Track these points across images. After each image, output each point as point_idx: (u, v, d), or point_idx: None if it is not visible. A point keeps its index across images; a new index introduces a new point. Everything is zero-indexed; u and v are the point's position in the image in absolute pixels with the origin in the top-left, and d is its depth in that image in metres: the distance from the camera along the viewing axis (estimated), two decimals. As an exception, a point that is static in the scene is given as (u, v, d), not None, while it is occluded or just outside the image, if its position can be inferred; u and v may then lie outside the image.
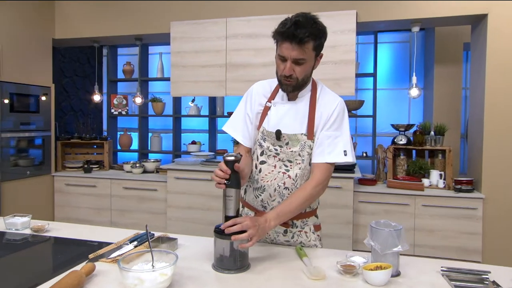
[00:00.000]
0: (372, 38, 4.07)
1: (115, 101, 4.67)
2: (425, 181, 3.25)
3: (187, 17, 3.61)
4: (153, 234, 1.51)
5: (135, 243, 1.39)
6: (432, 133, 3.34)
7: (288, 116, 1.41)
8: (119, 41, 4.20)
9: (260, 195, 1.43)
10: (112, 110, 4.67)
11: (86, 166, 3.93)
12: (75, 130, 4.52)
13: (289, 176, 1.40)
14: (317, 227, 1.51)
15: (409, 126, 3.44)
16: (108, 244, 1.41)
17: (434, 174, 3.27)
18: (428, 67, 4.13)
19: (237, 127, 1.50)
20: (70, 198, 3.89)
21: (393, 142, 3.44)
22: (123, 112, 4.68)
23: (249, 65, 3.39)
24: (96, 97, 4.23)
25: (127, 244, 1.38)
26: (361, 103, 3.98)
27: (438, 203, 3.06)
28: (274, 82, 1.47)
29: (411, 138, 3.42)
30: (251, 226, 1.16)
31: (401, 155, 3.45)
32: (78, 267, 1.15)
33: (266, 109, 1.45)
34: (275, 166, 1.41)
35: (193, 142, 4.37)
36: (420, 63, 4.28)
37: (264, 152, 1.43)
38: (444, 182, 3.22)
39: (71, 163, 4.07)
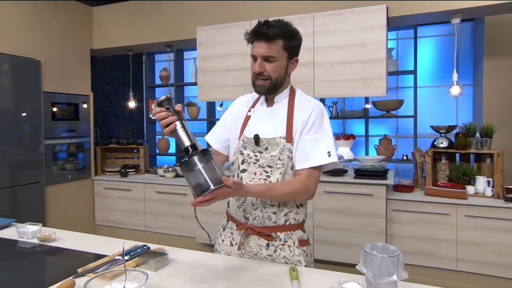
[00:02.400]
0: (412, 32, 3.78)
1: (153, 106, 4.82)
2: (470, 189, 2.94)
3: (213, 21, 3.62)
4: (148, 248, 1.50)
5: (127, 257, 1.39)
6: (478, 135, 3.00)
7: (266, 121, 1.42)
8: (150, 48, 4.34)
9: (242, 204, 1.41)
10: (151, 115, 4.84)
11: (122, 170, 4.10)
12: (117, 135, 4.76)
13: (270, 182, 1.36)
14: (303, 242, 1.42)
15: (450, 128, 3.14)
16: (102, 256, 1.42)
17: (481, 181, 2.95)
18: (477, 61, 3.73)
19: (212, 133, 1.57)
20: (108, 201, 4.09)
21: (433, 145, 3.16)
22: (161, 117, 4.81)
23: (274, 67, 3.30)
24: (131, 104, 4.40)
25: (119, 258, 1.38)
26: (400, 102, 3.72)
27: (485, 213, 2.75)
28: (256, 94, 1.48)
29: (454, 140, 3.11)
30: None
31: (442, 159, 3.15)
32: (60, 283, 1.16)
33: (247, 119, 1.46)
34: (255, 173, 1.39)
35: (226, 146, 4.37)
36: (469, 57, 3.88)
37: (245, 160, 1.41)
38: (492, 190, 2.88)
39: (110, 167, 4.27)
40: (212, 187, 1.07)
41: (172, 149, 4.83)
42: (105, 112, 4.96)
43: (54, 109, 3.69)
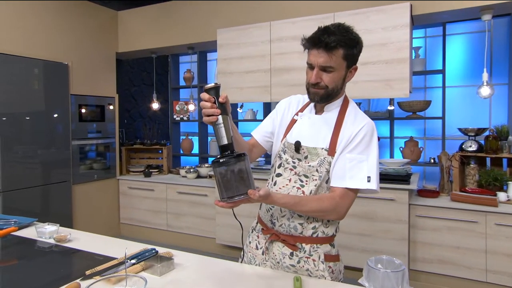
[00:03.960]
0: (441, 30, 3.61)
1: (177, 107, 4.92)
2: (501, 195, 2.78)
3: (233, 23, 3.63)
4: (157, 252, 1.52)
5: (134, 260, 1.42)
6: (511, 138, 2.83)
7: (311, 128, 1.35)
8: (173, 51, 4.42)
9: (271, 208, 1.37)
10: (175, 116, 4.93)
11: (146, 170, 4.21)
12: (143, 135, 4.88)
13: (303, 192, 1.31)
14: (331, 257, 1.34)
15: (480, 130, 2.98)
16: (112, 259, 1.46)
17: (513, 187, 2.78)
18: (513, 59, 3.51)
19: (258, 126, 1.53)
20: (133, 200, 4.20)
21: (461, 149, 3.01)
22: (185, 118, 4.90)
23: (293, 68, 3.27)
24: (155, 105, 4.49)
25: (127, 261, 1.41)
26: (427, 103, 3.57)
27: (517, 222, 2.59)
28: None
29: (483, 144, 2.95)
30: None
31: (471, 164, 3.00)
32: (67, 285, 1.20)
33: (292, 122, 1.42)
34: (290, 180, 1.34)
35: (248, 146, 4.38)
36: (504, 54, 3.66)
37: (282, 164, 1.38)
38: (526, 197, 2.71)
39: (134, 167, 4.39)
40: (240, 196, 1.07)
41: (196, 149, 4.90)
42: (131, 113, 5.11)
43: (82, 111, 3.84)
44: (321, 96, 1.28)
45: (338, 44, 1.19)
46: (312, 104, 1.41)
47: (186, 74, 4.82)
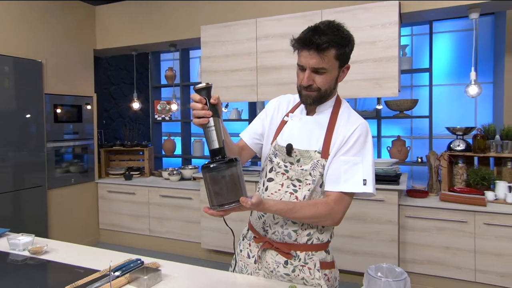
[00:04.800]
0: (427, 28, 3.65)
1: (158, 107, 4.82)
2: (489, 194, 2.82)
3: (217, 20, 3.57)
4: (142, 262, 1.46)
5: (118, 273, 1.35)
6: (498, 137, 2.88)
7: (303, 130, 1.31)
8: (155, 48, 4.33)
9: (263, 215, 1.33)
10: (156, 116, 4.83)
11: (126, 173, 4.10)
12: (123, 136, 4.76)
13: (296, 197, 1.27)
14: (326, 265, 1.32)
15: (468, 129, 3.02)
16: (94, 271, 1.39)
17: (501, 186, 2.83)
18: (498, 58, 3.59)
19: (247, 128, 1.48)
20: (113, 205, 4.09)
21: (449, 148, 3.05)
22: (166, 118, 4.80)
23: (281, 67, 3.24)
24: (135, 105, 4.39)
25: (110, 274, 1.34)
26: (414, 102, 3.61)
27: (506, 221, 2.64)
28: (299, 97, 1.39)
29: (471, 143, 2.99)
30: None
31: (459, 163, 3.04)
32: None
33: (283, 123, 1.37)
34: (282, 185, 1.30)
35: (233, 147, 4.33)
36: (489, 53, 3.74)
37: (273, 169, 1.33)
38: (513, 196, 2.76)
39: (114, 170, 4.27)
40: (231, 204, 1.04)
41: (178, 150, 4.81)
42: (110, 113, 4.97)
43: (58, 111, 3.70)
44: (314, 99, 1.26)
45: (330, 45, 1.16)
46: (303, 105, 1.37)
47: (167, 73, 4.73)
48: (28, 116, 3.40)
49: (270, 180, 1.33)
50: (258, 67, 3.34)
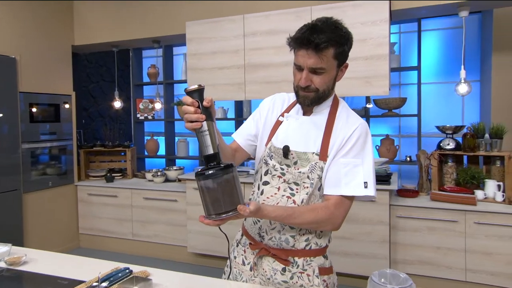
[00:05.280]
0: (415, 25, 3.69)
1: (140, 106, 4.72)
2: (479, 193, 2.87)
3: (203, 16, 3.51)
4: (131, 271, 1.39)
5: (106, 283, 1.28)
6: (487, 136, 2.93)
7: (300, 131, 1.28)
8: (137, 44, 4.23)
9: (259, 221, 1.29)
10: (138, 115, 4.72)
11: (108, 175, 3.99)
12: (103, 136, 4.63)
13: (293, 201, 1.24)
14: (325, 270, 1.29)
15: (457, 128, 3.06)
16: (79, 282, 1.32)
17: (490, 185, 2.87)
18: (485, 56, 3.66)
19: (240, 128, 1.45)
20: (93, 208, 3.97)
21: (439, 147, 3.08)
22: (149, 117, 4.71)
23: (269, 65, 3.20)
24: (117, 104, 4.27)
25: (99, 285, 1.27)
26: (403, 100, 3.64)
27: (496, 220, 2.68)
28: (294, 96, 1.35)
29: (461, 142, 3.03)
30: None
31: (449, 162, 3.08)
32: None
33: (278, 124, 1.34)
34: (278, 189, 1.26)
35: (219, 147, 4.27)
36: (476, 51, 3.80)
37: (269, 171, 1.29)
38: (503, 195, 2.81)
39: (94, 172, 4.16)
40: (229, 213, 1.00)
41: (162, 150, 4.72)
42: (90, 112, 4.84)
43: (33, 110, 3.57)
44: (312, 100, 1.23)
45: (328, 44, 1.13)
46: (299, 105, 1.34)
47: (150, 70, 4.63)
48: (0, 115, 3.25)
49: (266, 183, 1.29)
50: (246, 64, 3.29)
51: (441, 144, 3.08)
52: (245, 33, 3.27)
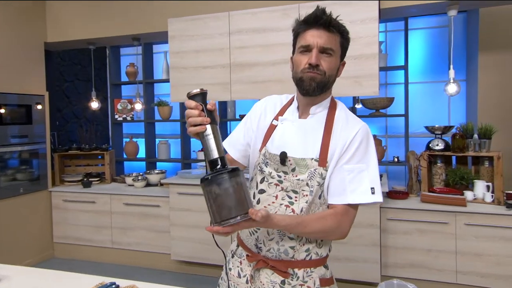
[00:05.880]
0: (402, 24, 3.71)
1: (119, 106, 4.59)
2: (468, 194, 2.90)
3: (186, 12, 3.43)
4: (117, 286, 1.32)
5: (89, 302, 1.20)
6: (476, 136, 2.97)
7: (297, 136, 1.23)
8: (115, 42, 4.10)
9: (256, 231, 1.24)
10: (116, 116, 4.58)
11: (85, 179, 3.85)
12: (79, 139, 4.47)
13: (292, 210, 1.19)
14: (326, 281, 1.25)
15: (446, 128, 3.09)
16: (59, 302, 1.23)
17: (480, 186, 2.91)
18: (471, 55, 3.72)
19: (230, 137, 1.41)
20: (69, 215, 3.82)
21: (428, 148, 3.10)
22: (128, 118, 4.58)
23: (256, 64, 3.15)
24: (94, 104, 4.13)
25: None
26: (390, 100, 3.66)
27: (485, 221, 2.71)
28: (287, 97, 1.35)
29: (450, 142, 3.07)
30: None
31: (438, 163, 3.11)
32: None
33: (272, 128, 1.29)
34: (276, 197, 1.21)
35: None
36: (461, 51, 3.86)
37: (265, 179, 1.24)
38: (492, 196, 2.85)
39: (70, 177, 4.00)
40: (237, 218, 0.96)
41: (142, 153, 4.60)
42: (64, 113, 4.66)
43: (1, 111, 3.40)
44: (318, 82, 1.18)
45: (338, 28, 1.17)
46: (293, 107, 1.30)
47: (129, 69, 4.51)
48: (-33, 117, 3.08)
49: (262, 191, 1.24)
50: (232, 64, 3.23)
51: (430, 145, 3.10)
52: (230, 31, 3.21)
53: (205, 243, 3.28)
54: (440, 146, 3.05)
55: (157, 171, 4.01)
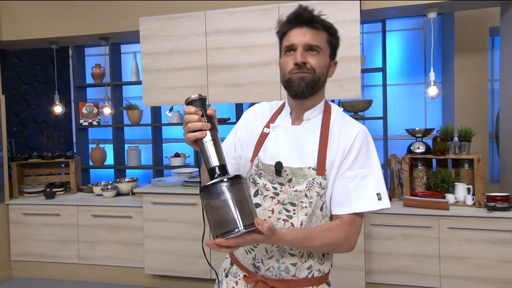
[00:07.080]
0: (379, 26, 3.78)
1: (84, 110, 4.40)
2: (450, 197, 2.96)
3: (159, 11, 3.35)
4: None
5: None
6: (456, 139, 3.05)
7: (292, 144, 1.19)
8: (80, 41, 3.93)
9: (253, 250, 1.18)
10: (81, 121, 4.39)
11: (47, 190, 3.65)
12: (39, 145, 4.23)
13: (292, 225, 1.14)
14: None
15: (427, 131, 3.15)
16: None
17: (460, 188, 2.98)
18: (447, 58, 3.84)
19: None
20: (29, 230, 3.59)
21: (409, 151, 3.15)
22: (94, 123, 4.40)
23: (234, 66, 3.10)
24: (58, 109, 3.93)
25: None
26: (369, 103, 3.70)
27: (468, 224, 2.78)
28: (277, 104, 1.31)
29: (430, 145, 3.13)
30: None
31: (419, 166, 3.16)
32: None
33: (263, 136, 1.24)
34: (273, 211, 1.16)
35: (177, 155, 4.10)
36: (437, 53, 3.98)
37: (260, 192, 1.19)
38: (473, 198, 2.93)
39: (30, 187, 3.78)
40: (241, 229, 0.89)
41: (110, 160, 4.42)
42: (21, 118, 4.41)
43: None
44: (308, 82, 1.14)
45: (323, 25, 1.16)
46: (285, 113, 1.26)
47: (95, 70, 4.33)
48: None
49: (257, 206, 1.18)
50: (209, 65, 3.16)
51: (411, 148, 3.15)
52: (207, 31, 3.14)
53: (181, 255, 3.18)
54: (421, 149, 3.10)
55: (127, 179, 3.86)
